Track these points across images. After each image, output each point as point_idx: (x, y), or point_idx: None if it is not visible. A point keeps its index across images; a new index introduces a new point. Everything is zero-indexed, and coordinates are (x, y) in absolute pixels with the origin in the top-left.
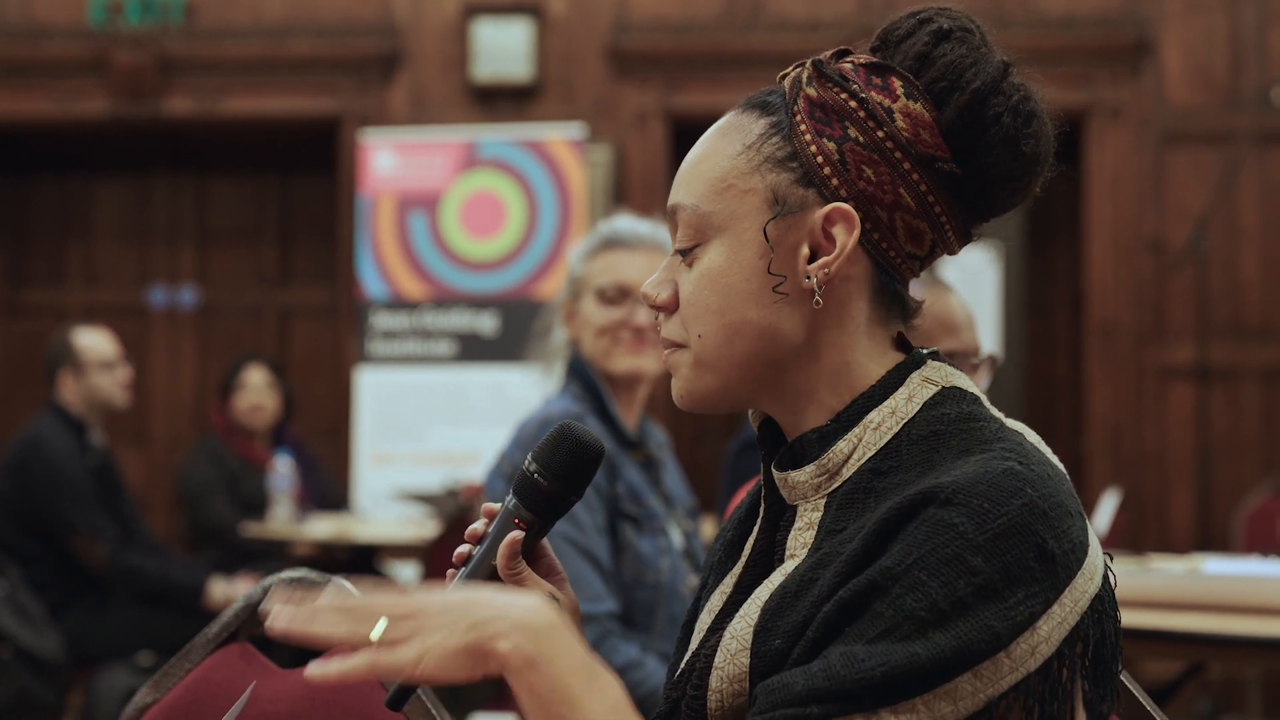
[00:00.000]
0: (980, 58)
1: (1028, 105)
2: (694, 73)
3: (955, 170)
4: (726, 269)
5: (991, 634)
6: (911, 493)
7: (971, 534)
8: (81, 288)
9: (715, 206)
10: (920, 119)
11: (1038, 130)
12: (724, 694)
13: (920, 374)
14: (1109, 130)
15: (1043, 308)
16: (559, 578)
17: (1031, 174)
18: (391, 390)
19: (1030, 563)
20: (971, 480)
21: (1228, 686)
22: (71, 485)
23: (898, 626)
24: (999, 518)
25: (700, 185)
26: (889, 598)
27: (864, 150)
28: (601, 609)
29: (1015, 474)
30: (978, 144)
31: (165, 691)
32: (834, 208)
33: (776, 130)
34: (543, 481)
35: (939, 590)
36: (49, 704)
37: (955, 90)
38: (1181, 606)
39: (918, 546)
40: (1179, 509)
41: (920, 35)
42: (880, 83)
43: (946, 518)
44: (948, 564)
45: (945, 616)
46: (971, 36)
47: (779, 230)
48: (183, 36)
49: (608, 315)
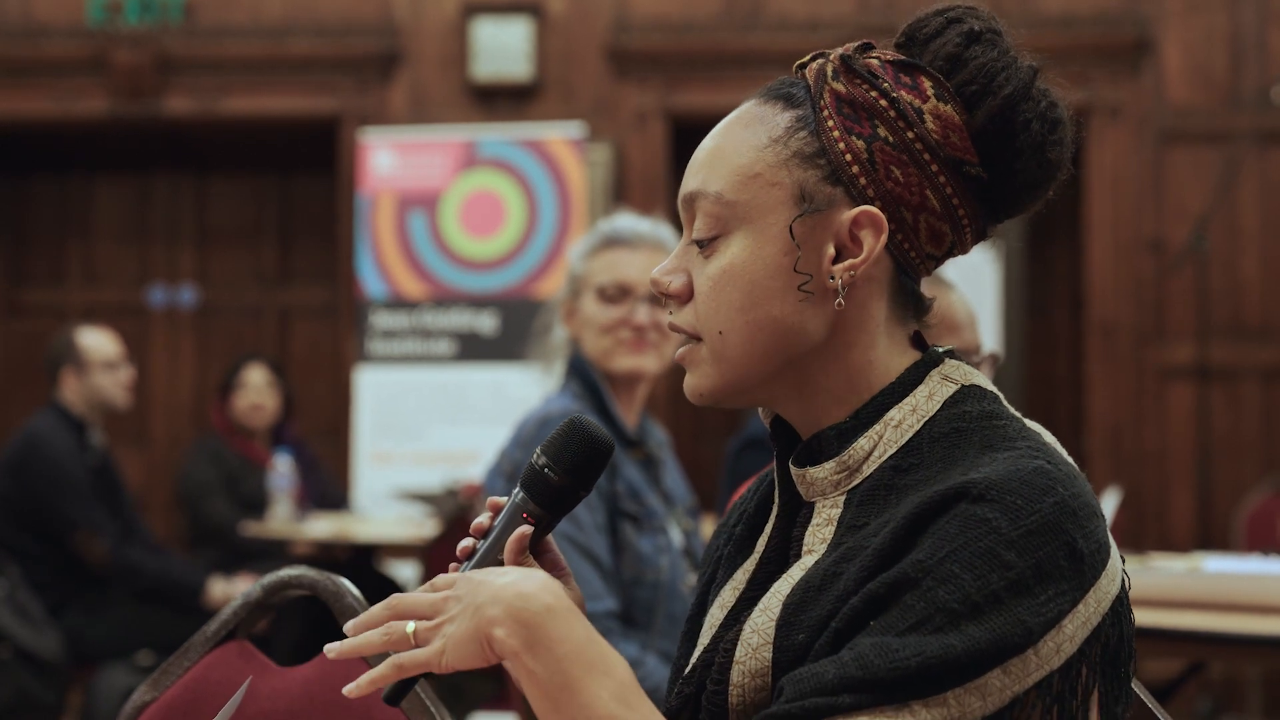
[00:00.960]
0: (1011, 62)
1: (1054, 112)
2: (694, 72)
3: (982, 175)
4: (750, 264)
5: (1024, 628)
6: (942, 488)
7: (1005, 529)
8: (81, 287)
9: (741, 196)
10: (950, 121)
11: (1062, 137)
12: (745, 688)
13: (939, 372)
14: (1109, 130)
15: (1043, 307)
16: (563, 573)
17: (1052, 179)
18: (391, 390)
19: (1061, 561)
20: (1004, 477)
21: (1228, 685)
22: (71, 483)
23: (930, 618)
24: (1032, 515)
25: (725, 173)
26: (920, 590)
27: (893, 151)
28: (601, 608)
29: (1046, 473)
30: (1007, 149)
31: (163, 689)
32: (862, 211)
33: (803, 124)
34: (553, 476)
35: (972, 583)
36: (48, 703)
37: (987, 94)
38: (1182, 605)
39: (950, 540)
40: (1179, 508)
41: (950, 35)
42: (910, 82)
43: (980, 513)
44: (981, 557)
45: (978, 609)
46: (1001, 40)
47: (805, 228)
48: (182, 36)
49: (608, 314)
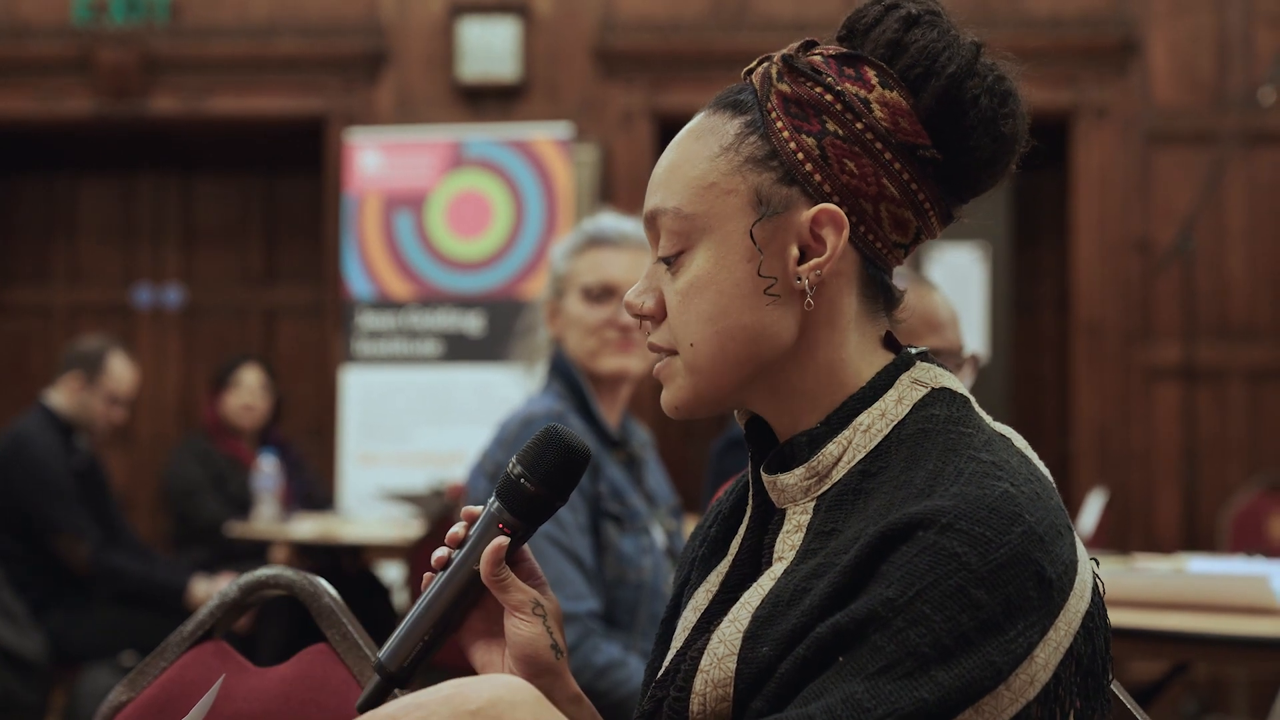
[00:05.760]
0: (952, 41)
1: (1003, 85)
2: (680, 72)
3: (936, 156)
4: (715, 274)
5: (993, 669)
6: (908, 513)
7: (975, 565)
8: (66, 287)
9: (698, 209)
10: (898, 107)
11: (1014, 109)
12: (707, 697)
13: (909, 375)
14: (1095, 130)
15: (1029, 307)
16: (539, 582)
17: (1011, 153)
18: (377, 390)
19: (1030, 592)
20: (971, 506)
21: (1213, 686)
22: (54, 485)
23: (900, 662)
24: (1000, 547)
25: (680, 188)
26: (890, 630)
27: (844, 144)
28: (584, 608)
29: (1011, 498)
30: (957, 128)
31: (140, 689)
32: (821, 209)
33: (752, 129)
34: (528, 486)
35: (942, 625)
36: (31, 704)
37: (931, 76)
38: (1167, 606)
39: (920, 577)
40: (1165, 509)
41: (889, 22)
42: (853, 73)
43: (948, 546)
44: (951, 597)
45: (949, 653)
46: (940, 20)
47: (766, 232)
48: (168, 35)
49: (594, 314)
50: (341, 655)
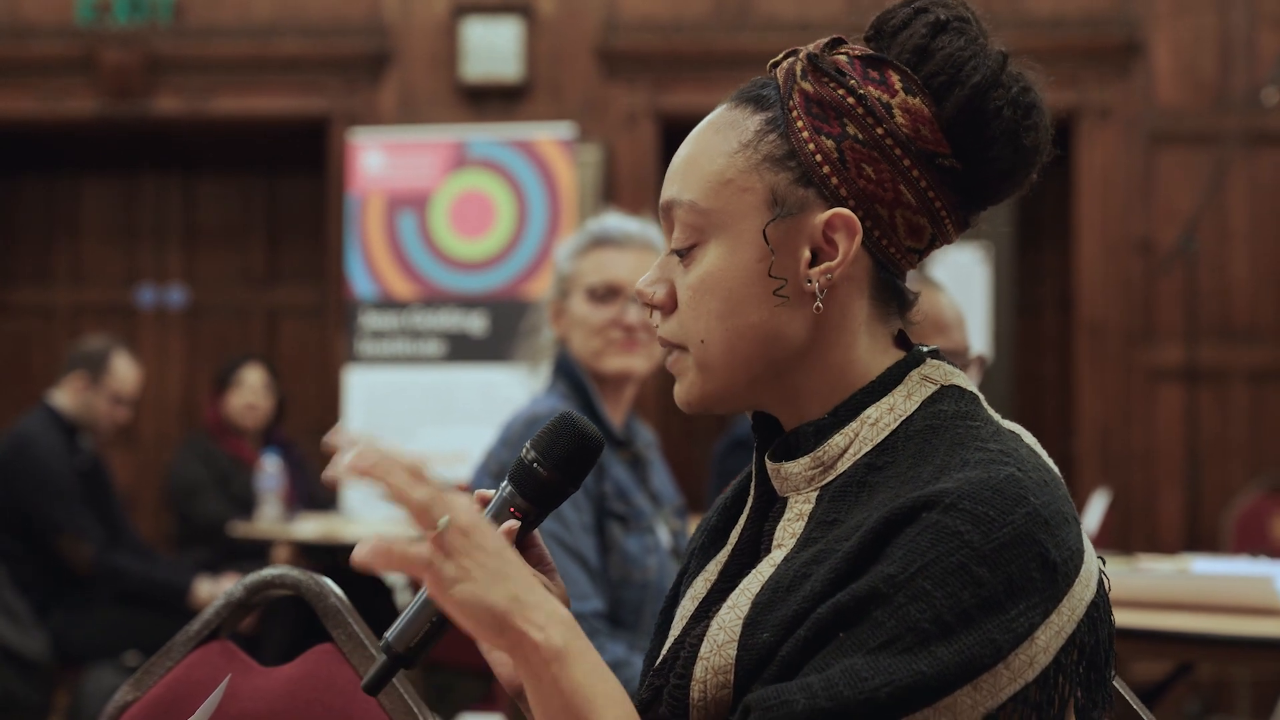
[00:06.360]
0: (979, 49)
1: (1027, 97)
2: (683, 72)
3: (956, 165)
4: (727, 271)
5: (993, 646)
6: (912, 497)
7: (978, 543)
8: (69, 287)
9: (714, 204)
10: (920, 114)
11: (1037, 121)
12: (707, 684)
13: (919, 372)
14: (1098, 131)
15: (1032, 308)
16: (549, 568)
17: (1032, 164)
18: (380, 390)
19: (1033, 573)
20: (975, 486)
21: (1217, 687)
22: (57, 485)
23: (900, 637)
24: (1004, 527)
25: (697, 181)
26: (891, 606)
27: (863, 148)
28: (588, 608)
29: (1017, 481)
30: (979, 139)
31: (146, 689)
32: (835, 214)
33: (773, 127)
34: (541, 471)
35: (943, 601)
36: (34, 704)
37: (955, 85)
38: (1170, 606)
39: (922, 554)
40: (1168, 509)
41: (917, 26)
42: (878, 77)
43: (951, 525)
44: (953, 574)
45: (949, 628)
46: (969, 27)
47: (779, 232)
48: (171, 36)
49: (598, 314)
50: (347, 655)
